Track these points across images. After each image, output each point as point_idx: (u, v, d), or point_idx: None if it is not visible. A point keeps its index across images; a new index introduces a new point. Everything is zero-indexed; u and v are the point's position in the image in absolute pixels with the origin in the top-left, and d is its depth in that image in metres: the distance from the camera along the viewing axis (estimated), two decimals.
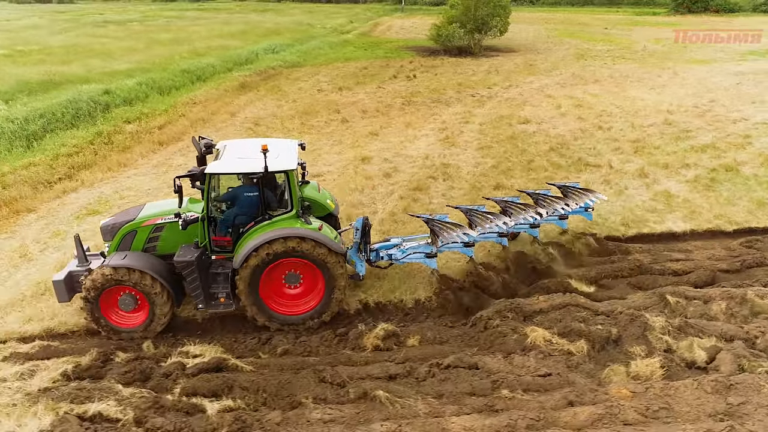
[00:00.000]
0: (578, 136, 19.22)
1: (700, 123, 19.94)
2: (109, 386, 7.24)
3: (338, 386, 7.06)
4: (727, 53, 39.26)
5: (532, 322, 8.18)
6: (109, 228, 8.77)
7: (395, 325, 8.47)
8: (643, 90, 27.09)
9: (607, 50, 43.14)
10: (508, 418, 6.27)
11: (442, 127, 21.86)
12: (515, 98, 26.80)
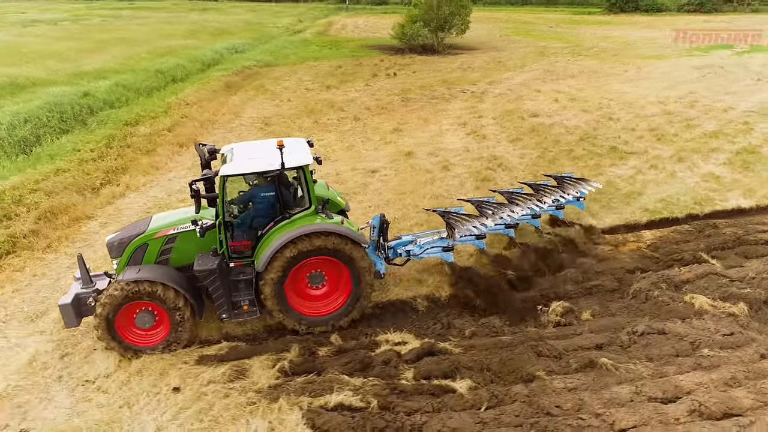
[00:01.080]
0: (595, 126, 20.42)
1: (695, 113, 21.66)
2: (335, 377, 7.39)
3: (556, 358, 7.54)
4: (673, 49, 42.22)
5: (683, 290, 8.95)
6: (116, 244, 8.41)
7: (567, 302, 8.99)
8: (621, 84, 28.86)
9: (563, 47, 45.21)
10: (727, 372, 6.98)
11: (459, 122, 22.54)
12: (507, 93, 27.86)
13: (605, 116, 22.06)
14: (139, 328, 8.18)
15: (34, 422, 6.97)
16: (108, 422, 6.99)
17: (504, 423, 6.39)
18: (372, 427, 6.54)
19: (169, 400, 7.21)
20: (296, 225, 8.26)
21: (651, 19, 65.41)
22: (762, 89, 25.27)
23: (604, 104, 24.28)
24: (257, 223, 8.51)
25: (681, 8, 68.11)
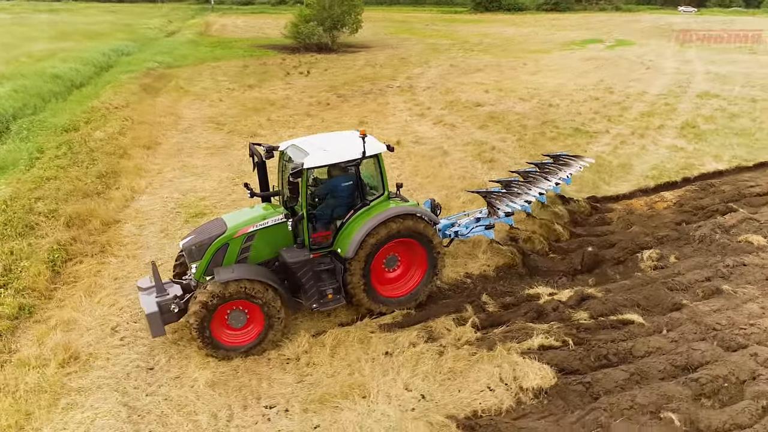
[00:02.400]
0: (543, 112, 23.04)
1: (619, 98, 25.25)
2: (523, 326, 8.52)
3: (684, 291, 9.36)
4: (554, 44, 47.44)
5: (733, 233, 11.27)
6: (195, 247, 8.43)
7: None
8: (530, 76, 32.23)
9: (452, 44, 48.67)
10: None
11: (416, 113, 24.05)
12: (434, 86, 29.90)
13: (544, 104, 24.81)
14: (232, 329, 8.23)
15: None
16: (357, 386, 7.49)
17: (690, 339, 7.97)
18: (596, 355, 7.78)
19: (392, 362, 7.85)
20: (376, 211, 8.66)
21: (514, 18, 72.05)
22: (657, 76, 29.83)
23: (534, 93, 27.16)
24: (337, 213, 8.77)
25: (539, 7, 75.61)
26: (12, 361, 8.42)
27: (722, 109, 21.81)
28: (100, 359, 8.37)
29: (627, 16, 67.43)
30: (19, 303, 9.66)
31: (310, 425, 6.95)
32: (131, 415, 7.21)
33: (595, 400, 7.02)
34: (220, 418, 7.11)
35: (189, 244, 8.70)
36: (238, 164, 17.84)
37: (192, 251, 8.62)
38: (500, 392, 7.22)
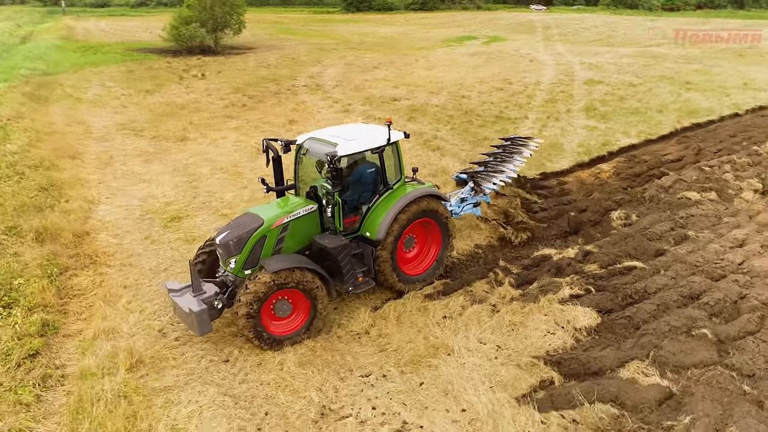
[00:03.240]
0: (459, 103, 24.92)
1: (519, 87, 27.90)
2: (550, 281, 9.88)
3: (659, 239, 11.28)
4: (433, 41, 50.28)
5: (672, 191, 13.58)
6: (234, 242, 8.49)
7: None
8: (428, 71, 34.20)
9: (336, 44, 49.84)
10: (745, 230, 11.64)
11: (340, 109, 24.89)
12: (340, 84, 30.83)
13: (455, 96, 26.73)
14: (278, 318, 8.40)
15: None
16: (438, 346, 8.34)
17: (684, 275, 9.73)
18: (622, 295, 9.30)
19: (456, 323, 8.75)
20: (398, 194, 9.31)
21: (385, 17, 74.69)
22: (542, 67, 33.10)
23: (440, 87, 29.03)
24: (364, 198, 9.27)
25: (408, 7, 78.97)
26: (69, 374, 8.17)
27: (610, 93, 25.02)
28: (166, 360, 8.37)
29: (488, 14, 72.63)
30: (43, 319, 9.21)
31: (415, 383, 7.66)
32: (237, 402, 7.44)
33: (637, 329, 8.46)
34: (327, 391, 7.58)
35: (226, 240, 8.72)
36: (184, 168, 17.57)
37: (230, 246, 8.69)
38: (560, 334, 8.42)
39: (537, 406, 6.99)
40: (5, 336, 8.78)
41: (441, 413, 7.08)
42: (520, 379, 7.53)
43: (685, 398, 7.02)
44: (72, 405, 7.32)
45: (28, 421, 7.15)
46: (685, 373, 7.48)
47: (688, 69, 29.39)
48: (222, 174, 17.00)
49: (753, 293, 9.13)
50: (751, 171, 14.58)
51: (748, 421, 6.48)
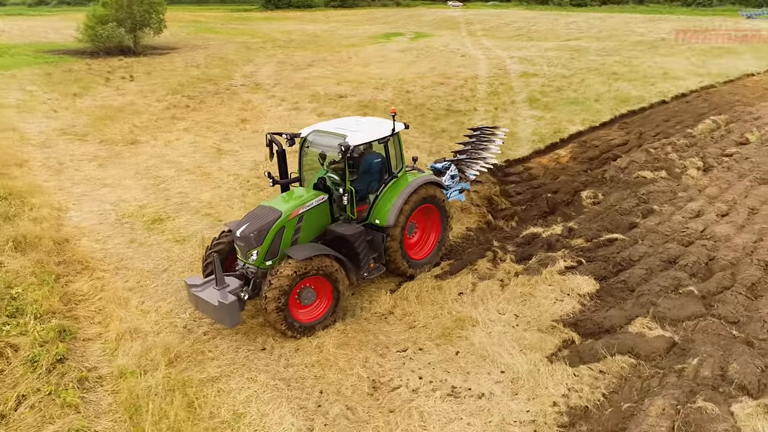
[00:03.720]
0: (407, 98, 25.87)
1: (459, 81, 29.20)
2: (545, 255, 10.86)
3: (628, 215, 12.63)
4: (361, 38, 51.03)
5: (628, 171, 15.12)
6: (255, 234, 8.72)
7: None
8: (364, 67, 34.84)
9: (263, 42, 49.59)
10: (700, 202, 13.28)
11: (289, 107, 25.20)
12: (280, 83, 30.98)
13: (400, 91, 27.64)
14: (303, 306, 8.70)
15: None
16: (463, 319, 9.12)
17: (659, 243, 11.02)
18: (613, 263, 10.46)
19: (472, 298, 9.51)
20: (403, 182, 9.88)
21: (305, 14, 74.63)
22: (475, 62, 34.64)
23: (383, 83, 29.79)
24: (372, 187, 9.76)
25: (327, 4, 79.22)
26: (106, 375, 8.29)
27: (547, 85, 26.77)
28: (203, 354, 8.62)
29: (408, 10, 74.25)
30: (59, 325, 9.20)
31: (451, 353, 8.39)
32: (289, 384, 7.87)
33: (632, 291, 9.61)
34: (371, 366, 8.17)
35: (247, 232, 8.92)
36: (146, 171, 17.42)
37: (251, 238, 8.92)
38: (567, 300, 9.43)
39: (568, 362, 7.87)
40: (24, 343, 8.70)
41: (483, 376, 7.84)
42: (545, 340, 8.41)
43: (688, 345, 8.16)
44: (125, 401, 7.47)
45: (81, 421, 7.24)
46: (681, 325, 8.64)
47: (611, 61, 31.81)
48: (189, 175, 16.96)
49: (720, 255, 10.53)
50: (690, 151, 16.36)
51: (745, 358, 7.68)
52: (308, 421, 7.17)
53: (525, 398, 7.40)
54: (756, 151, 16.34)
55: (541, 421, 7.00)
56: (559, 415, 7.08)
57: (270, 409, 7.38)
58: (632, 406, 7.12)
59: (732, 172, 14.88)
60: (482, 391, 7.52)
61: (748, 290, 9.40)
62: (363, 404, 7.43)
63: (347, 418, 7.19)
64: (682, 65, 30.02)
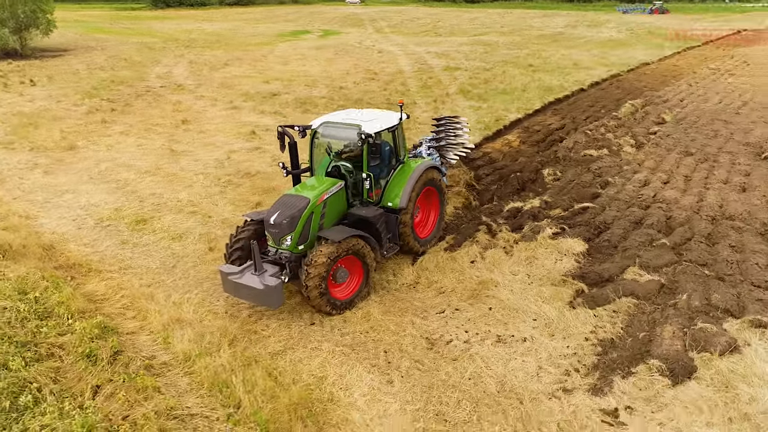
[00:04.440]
0: (343, 93, 27.00)
1: (388, 76, 30.69)
2: (534, 224, 12.54)
3: (590, 187, 14.71)
4: (268, 36, 51.29)
5: (575, 149, 17.33)
6: (287, 221, 9.38)
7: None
8: (285, 65, 35.53)
9: (163, 42, 48.64)
10: (645, 170, 15.68)
11: (228, 106, 25.55)
12: (203, 84, 30.99)
13: (333, 87, 28.69)
14: (337, 285, 9.42)
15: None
16: (484, 281, 10.51)
17: (624, 209, 13.03)
18: (593, 227, 12.29)
19: (484, 264, 10.92)
20: (409, 168, 10.91)
21: (200, 13, 73.18)
22: (395, 58, 36.29)
23: (313, 80, 30.73)
24: (383, 173, 10.58)
25: (222, 2, 77.99)
26: (169, 361, 8.84)
27: (473, 77, 28.91)
28: (256, 333, 9.36)
29: (307, 8, 75.02)
30: (100, 322, 9.56)
31: (485, 309, 9.73)
32: (353, 349, 8.83)
33: (616, 248, 11.46)
34: (419, 327, 9.33)
35: (280, 220, 9.60)
36: (101, 175, 17.38)
37: (284, 225, 9.63)
38: (566, 259, 11.08)
39: (587, 306, 9.48)
40: (70, 342, 9.00)
41: (520, 324, 9.25)
42: (561, 292, 9.98)
43: (674, 284, 10.04)
44: (207, 379, 8.11)
45: (169, 401, 7.81)
46: (663, 270, 10.53)
47: (523, 54, 34.68)
48: (152, 177, 17.08)
49: (675, 214, 12.69)
50: (620, 131, 18.85)
51: (722, 289, 9.67)
52: (385, 376, 8.19)
53: (561, 338, 8.87)
54: (674, 129, 19.10)
55: (581, 353, 8.50)
56: (593, 347, 8.62)
57: (345, 370, 8.32)
58: (646, 334, 8.79)
59: (660, 147, 17.38)
60: (524, 336, 8.91)
61: (706, 239, 11.49)
62: (427, 357, 8.56)
63: (419, 369, 8.30)
64: (586, 57, 33.39)
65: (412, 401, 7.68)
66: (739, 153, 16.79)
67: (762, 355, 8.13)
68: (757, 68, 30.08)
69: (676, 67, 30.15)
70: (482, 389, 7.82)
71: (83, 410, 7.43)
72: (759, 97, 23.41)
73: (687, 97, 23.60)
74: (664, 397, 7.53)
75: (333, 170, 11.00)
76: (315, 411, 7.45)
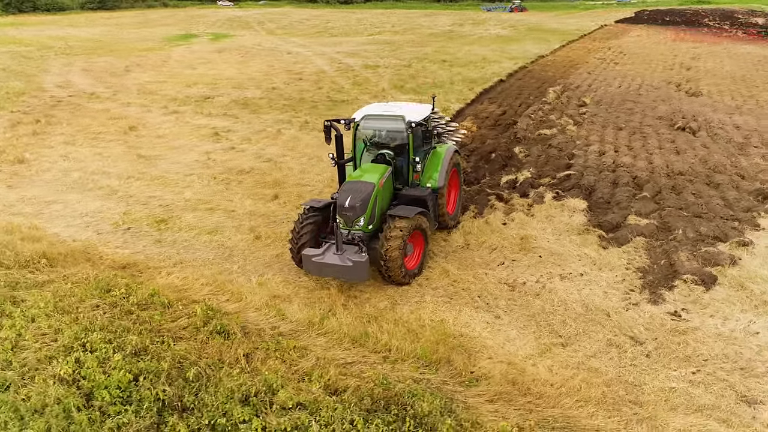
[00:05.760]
0: (278, 94, 28.09)
1: (312, 76, 32.00)
2: (535, 192, 15.15)
3: (560, 151, 17.58)
4: (155, 41, 50.11)
5: (535, 120, 20.25)
6: (359, 204, 10.43)
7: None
8: (193, 69, 35.46)
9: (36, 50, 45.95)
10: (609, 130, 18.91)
11: (169, 111, 25.73)
12: (121, 90, 30.56)
13: (265, 88, 29.57)
14: (406, 256, 10.52)
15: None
16: (522, 237, 12.71)
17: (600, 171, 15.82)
18: (585, 187, 14.95)
19: (513, 226, 13.19)
20: (440, 152, 12.19)
21: (60, 18, 68.77)
22: (308, 59, 37.56)
23: (239, 82, 31.37)
24: (421, 156, 11.60)
25: (83, 6, 73.68)
26: (296, 328, 10.05)
27: (397, 73, 31.15)
28: (356, 298, 10.76)
29: (180, 11, 73.25)
30: (210, 305, 10.45)
31: (537, 258, 11.83)
32: (451, 297, 10.57)
33: (609, 203, 14.17)
34: (491, 276, 11.31)
35: (354, 203, 10.72)
36: (79, 184, 17.39)
37: (357, 208, 10.75)
38: (577, 215, 13.54)
39: (616, 245, 12.00)
40: (184, 325, 9.85)
41: (571, 265, 11.51)
42: (587, 238, 12.41)
43: (666, 224, 12.85)
44: (348, 333, 9.47)
45: (324, 353, 9.11)
46: (652, 215, 13.36)
47: (429, 51, 37.59)
48: (138, 182, 17.31)
49: (638, 174, 15.73)
50: (556, 113, 22.00)
51: (704, 224, 12.62)
52: (490, 313, 10.05)
53: (608, 270, 11.26)
54: (598, 109, 22.64)
55: (628, 279, 10.93)
56: (635, 273, 11.09)
57: (455, 314, 10.06)
58: (666, 260, 11.45)
59: (595, 124, 20.70)
60: (579, 272, 11.19)
61: (671, 190, 14.57)
62: (514, 296, 10.53)
63: (514, 304, 10.25)
64: (489, 52, 37.01)
65: (525, 327, 9.60)
66: (657, 126, 20.50)
67: (755, 263, 11.06)
68: (633, 57, 35.34)
69: (569, 59, 34.53)
70: (573, 311, 9.93)
71: (253, 372, 8.46)
72: (647, 81, 27.98)
73: (593, 83, 27.55)
74: (704, 299, 10.12)
75: (378, 158, 12.40)
76: (456, 344, 9.12)
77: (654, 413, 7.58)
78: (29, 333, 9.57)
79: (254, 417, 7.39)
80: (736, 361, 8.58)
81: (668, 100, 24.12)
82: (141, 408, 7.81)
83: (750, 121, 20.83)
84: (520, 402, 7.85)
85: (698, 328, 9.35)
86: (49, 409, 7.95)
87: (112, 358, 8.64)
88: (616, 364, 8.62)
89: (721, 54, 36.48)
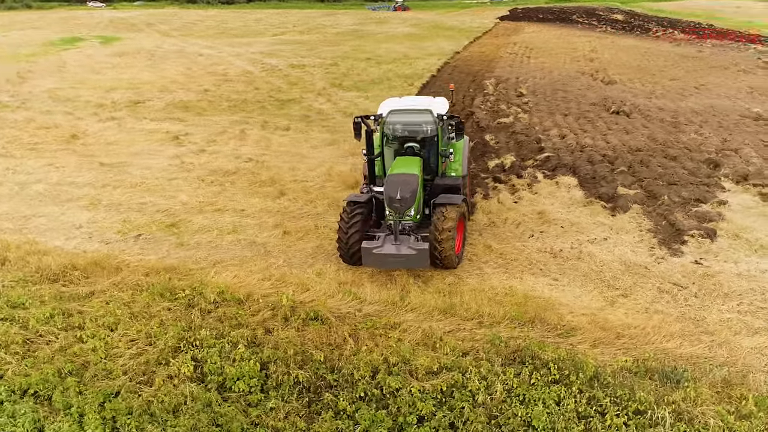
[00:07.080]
0: (214, 95, 27.96)
1: (240, 77, 31.95)
2: (528, 173, 16.82)
3: (536, 142, 19.46)
4: (34, 46, 46.87)
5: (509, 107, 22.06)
6: (409, 195, 11.05)
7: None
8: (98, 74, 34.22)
9: None
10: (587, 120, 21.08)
11: (106, 118, 24.89)
12: (36, 98, 28.93)
13: (196, 91, 29.17)
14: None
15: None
16: (538, 212, 14.25)
17: (572, 154, 17.99)
18: (570, 167, 16.82)
19: (522, 205, 14.80)
20: (459, 143, 12.70)
21: None
22: (224, 61, 37.17)
23: (164, 86, 30.66)
24: (444, 147, 12.21)
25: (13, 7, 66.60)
26: (379, 307, 10.83)
27: (329, 72, 31.89)
28: (422, 277, 11.69)
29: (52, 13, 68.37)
30: (287, 296, 10.93)
31: (559, 229, 13.37)
32: (506, 268, 11.80)
33: (594, 178, 16.10)
34: (530, 246, 12.72)
35: (404, 194, 11.28)
36: (50, 197, 16.79)
37: (407, 199, 11.35)
38: (574, 190, 15.24)
39: (622, 212, 13.84)
40: (268, 316, 10.31)
41: (591, 232, 13.11)
42: (594, 209, 14.13)
43: (651, 191, 14.92)
44: (437, 308, 10.40)
45: (421, 325, 10.00)
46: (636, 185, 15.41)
47: (348, 50, 38.62)
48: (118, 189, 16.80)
49: (605, 152, 17.86)
50: (502, 103, 23.98)
51: (683, 190, 14.82)
52: (548, 277, 11.38)
53: (624, 233, 13.01)
54: (536, 98, 24.93)
55: (645, 239, 12.72)
56: (648, 233, 12.93)
57: (518, 281, 11.28)
58: (666, 221, 13.43)
59: (542, 112, 22.86)
60: (603, 237, 12.85)
61: (641, 164, 16.78)
62: (559, 261, 11.95)
63: (564, 267, 11.62)
64: (407, 49, 38.69)
65: (584, 285, 11.03)
66: (596, 110, 23.03)
67: (738, 217, 13.33)
68: (540, 51, 38.59)
69: (484, 54, 37.04)
70: (616, 269, 11.51)
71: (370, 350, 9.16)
72: (564, 72, 30.93)
73: (520, 76, 30.00)
74: (713, 249, 12.13)
75: (408, 150, 13.14)
76: (538, 304, 10.35)
77: (726, 339, 9.23)
78: (116, 341, 9.53)
79: (405, 384, 8.10)
80: (763, 293, 10.50)
81: (591, 88, 26.93)
82: (284, 392, 8.22)
83: (668, 104, 23.95)
84: (617, 344, 9.18)
85: (721, 272, 11.24)
86: (185, 407, 8.14)
87: (235, 352, 8.90)
88: (675, 306, 10.23)
89: (611, 46, 40.77)
